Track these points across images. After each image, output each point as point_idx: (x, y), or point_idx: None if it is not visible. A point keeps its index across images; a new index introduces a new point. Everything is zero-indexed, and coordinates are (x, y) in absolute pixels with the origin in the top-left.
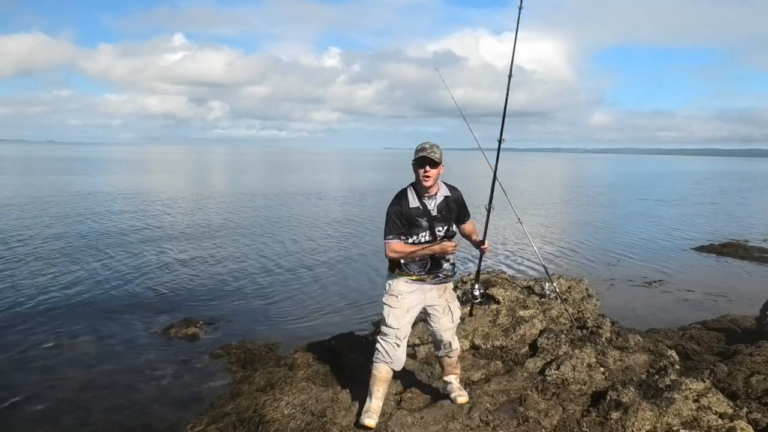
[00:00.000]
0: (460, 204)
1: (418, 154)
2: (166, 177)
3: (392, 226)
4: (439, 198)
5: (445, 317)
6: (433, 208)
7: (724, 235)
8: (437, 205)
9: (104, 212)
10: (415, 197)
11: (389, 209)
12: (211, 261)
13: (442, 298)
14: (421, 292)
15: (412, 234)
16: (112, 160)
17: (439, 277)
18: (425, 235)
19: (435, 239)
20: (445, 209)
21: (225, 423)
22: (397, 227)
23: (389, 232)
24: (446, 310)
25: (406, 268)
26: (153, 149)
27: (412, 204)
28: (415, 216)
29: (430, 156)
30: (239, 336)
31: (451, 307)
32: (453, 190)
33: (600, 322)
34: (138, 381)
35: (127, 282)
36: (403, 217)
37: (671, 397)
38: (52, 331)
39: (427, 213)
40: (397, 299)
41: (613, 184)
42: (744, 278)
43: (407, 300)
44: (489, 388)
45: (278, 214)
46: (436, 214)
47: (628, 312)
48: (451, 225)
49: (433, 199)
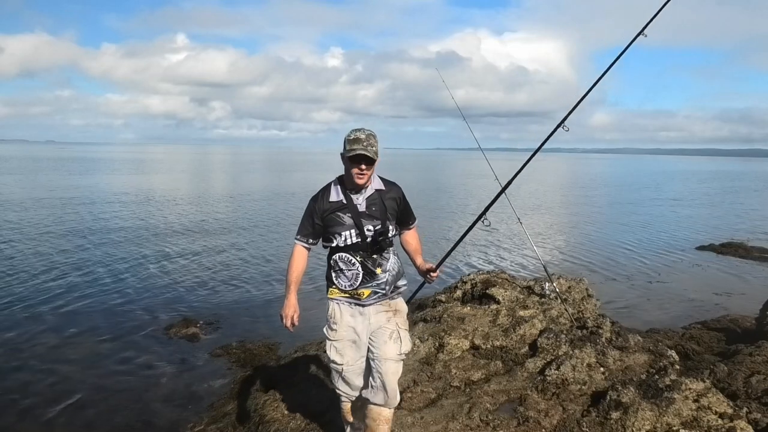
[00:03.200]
0: (400, 202)
1: (351, 148)
2: (167, 177)
3: (302, 225)
4: (369, 191)
5: (390, 343)
6: (361, 202)
7: (724, 235)
8: (366, 199)
9: (104, 212)
10: (339, 191)
11: (308, 204)
12: (212, 261)
13: (392, 322)
14: (364, 318)
15: (333, 234)
16: (112, 159)
17: (378, 294)
18: (351, 236)
19: (364, 239)
20: (378, 204)
21: (225, 423)
22: (306, 227)
23: (298, 231)
24: (394, 335)
25: (336, 283)
26: (153, 149)
27: (333, 198)
28: (335, 209)
29: (366, 153)
30: (239, 336)
31: (401, 335)
32: (389, 184)
33: (600, 322)
34: (138, 381)
35: (127, 282)
36: (317, 214)
37: (671, 397)
38: (51, 330)
39: (353, 208)
40: (335, 330)
41: (613, 184)
42: (744, 278)
43: (349, 330)
44: (489, 388)
45: (279, 214)
46: (363, 210)
47: (628, 312)
48: (387, 223)
49: (361, 193)
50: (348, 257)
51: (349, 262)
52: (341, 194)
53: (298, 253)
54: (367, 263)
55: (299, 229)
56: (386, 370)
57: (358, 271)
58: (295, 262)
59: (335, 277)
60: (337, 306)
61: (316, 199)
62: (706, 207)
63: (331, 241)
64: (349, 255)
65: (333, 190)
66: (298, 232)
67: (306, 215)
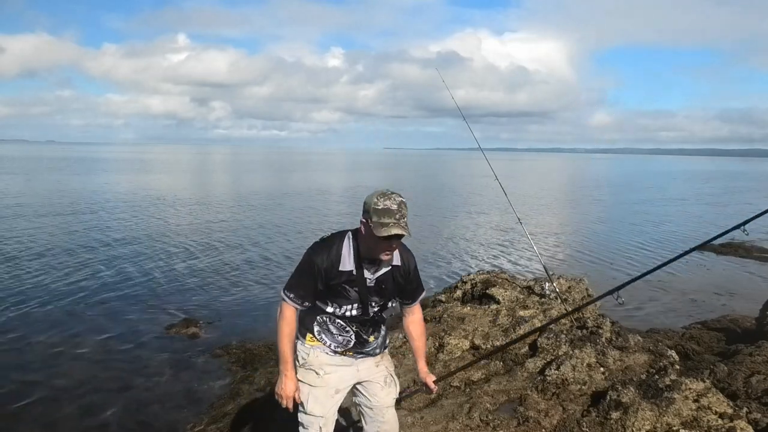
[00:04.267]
0: (409, 277)
1: (381, 222)
2: (168, 177)
3: (299, 283)
4: (384, 268)
5: (386, 390)
6: (372, 278)
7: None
8: (378, 276)
9: (105, 212)
10: (352, 258)
11: (308, 255)
12: (212, 260)
13: (381, 366)
14: (351, 366)
15: (333, 303)
16: (116, 160)
17: (363, 354)
18: (352, 309)
19: (367, 315)
20: (389, 282)
21: (225, 423)
22: (303, 287)
23: (292, 287)
24: (388, 380)
25: (319, 338)
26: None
27: (345, 266)
28: (343, 282)
29: (403, 233)
30: (239, 336)
31: (393, 377)
32: (406, 255)
33: (600, 322)
34: (138, 380)
35: (128, 281)
36: (321, 278)
37: (671, 397)
38: (52, 330)
39: (361, 282)
40: (318, 375)
41: (613, 184)
42: (744, 278)
43: (333, 377)
44: (489, 388)
45: (279, 213)
46: (372, 285)
47: (628, 312)
48: (391, 301)
49: (375, 266)
50: (343, 325)
51: (343, 329)
52: (353, 263)
53: (291, 316)
54: (362, 333)
55: (293, 285)
56: (388, 418)
57: (351, 339)
58: (289, 328)
59: (319, 332)
60: (321, 353)
61: (323, 258)
62: (706, 207)
63: (326, 306)
64: (345, 323)
65: (346, 256)
66: (291, 290)
67: (305, 272)
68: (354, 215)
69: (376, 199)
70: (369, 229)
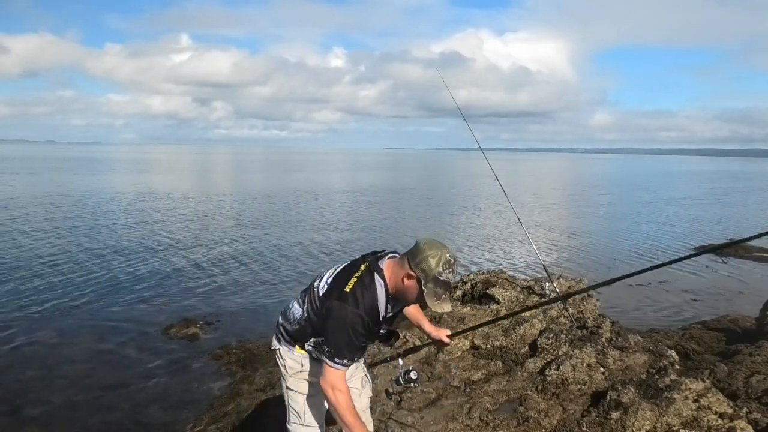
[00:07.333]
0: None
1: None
2: (169, 177)
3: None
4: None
5: (363, 392)
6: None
7: (724, 235)
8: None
9: (104, 212)
10: (384, 300)
11: (351, 316)
12: (212, 261)
13: (359, 369)
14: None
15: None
16: (121, 160)
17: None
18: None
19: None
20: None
21: (225, 423)
22: (358, 347)
23: (344, 354)
24: (364, 382)
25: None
26: (155, 149)
27: (383, 311)
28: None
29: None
30: (239, 336)
31: (368, 377)
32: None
33: (600, 322)
34: (138, 381)
35: (128, 282)
36: (369, 331)
37: (671, 397)
38: (51, 330)
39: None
40: (311, 384)
41: (612, 184)
42: (744, 278)
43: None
44: (489, 388)
45: (279, 213)
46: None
47: (628, 312)
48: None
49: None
50: None
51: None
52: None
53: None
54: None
55: (344, 351)
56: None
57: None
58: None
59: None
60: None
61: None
62: (706, 207)
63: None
64: None
65: (383, 302)
66: (344, 356)
67: (357, 332)
68: (355, 215)
69: (440, 268)
70: (419, 288)
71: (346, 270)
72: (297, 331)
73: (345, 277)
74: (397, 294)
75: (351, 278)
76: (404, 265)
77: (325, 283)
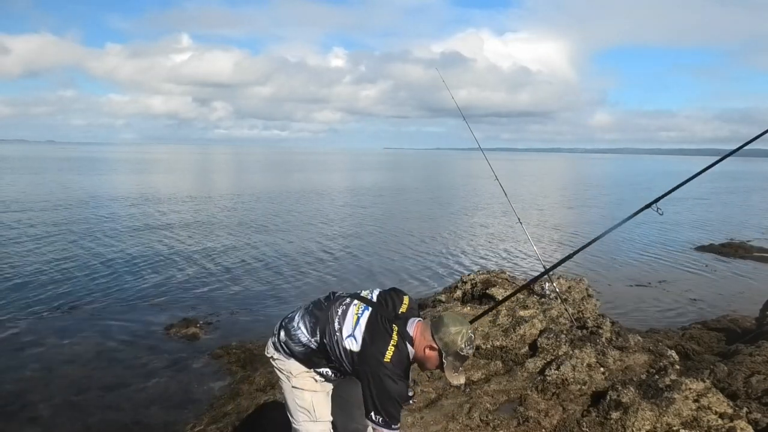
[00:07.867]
0: None
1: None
2: (170, 177)
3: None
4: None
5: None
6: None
7: (724, 235)
8: None
9: (104, 212)
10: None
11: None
12: (212, 260)
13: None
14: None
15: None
16: (112, 160)
17: None
18: None
19: None
20: None
21: (225, 423)
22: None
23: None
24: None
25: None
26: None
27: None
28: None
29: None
30: (239, 336)
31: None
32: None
33: (600, 322)
34: (137, 381)
35: (127, 281)
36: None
37: (671, 397)
38: (51, 330)
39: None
40: (316, 381)
41: (613, 184)
42: (744, 278)
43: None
44: (489, 388)
45: (280, 214)
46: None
47: (628, 312)
48: None
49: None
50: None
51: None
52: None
53: None
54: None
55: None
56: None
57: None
58: None
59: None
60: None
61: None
62: (705, 207)
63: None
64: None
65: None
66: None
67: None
68: (355, 215)
69: (462, 344)
70: (440, 360)
71: (379, 333)
72: (302, 354)
73: (379, 341)
74: (416, 360)
75: (387, 346)
76: (427, 335)
77: (352, 336)
